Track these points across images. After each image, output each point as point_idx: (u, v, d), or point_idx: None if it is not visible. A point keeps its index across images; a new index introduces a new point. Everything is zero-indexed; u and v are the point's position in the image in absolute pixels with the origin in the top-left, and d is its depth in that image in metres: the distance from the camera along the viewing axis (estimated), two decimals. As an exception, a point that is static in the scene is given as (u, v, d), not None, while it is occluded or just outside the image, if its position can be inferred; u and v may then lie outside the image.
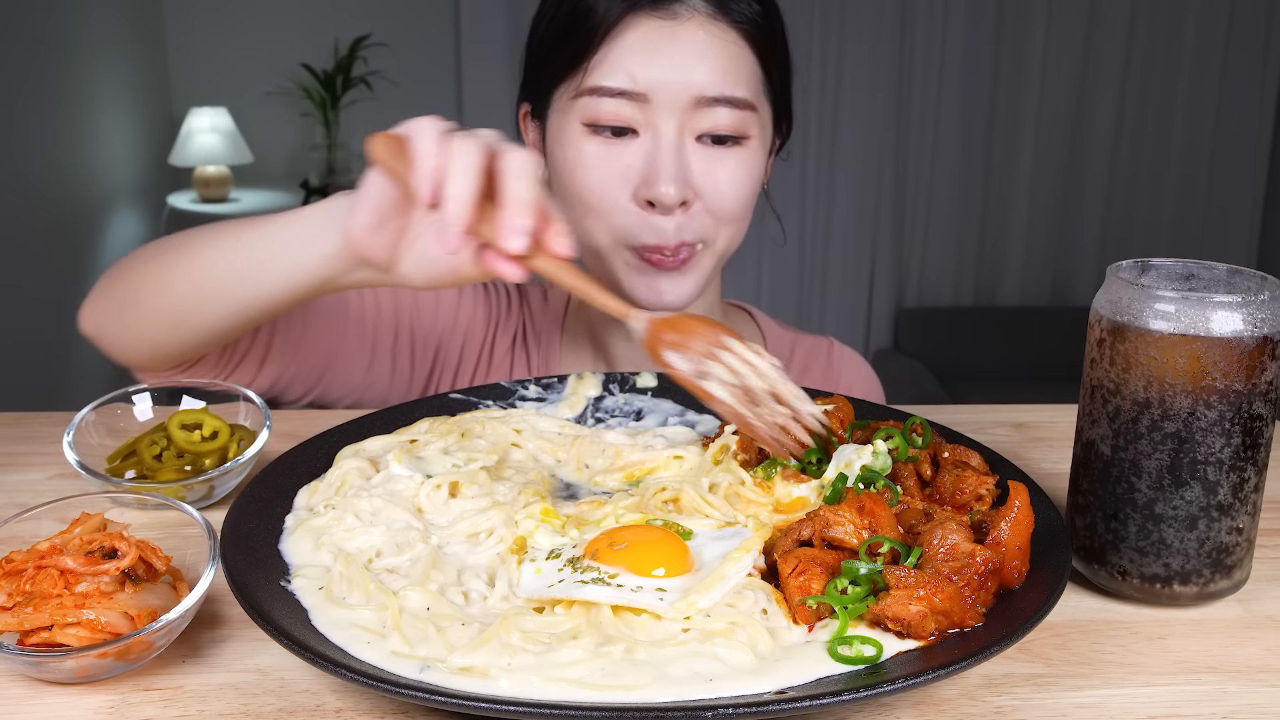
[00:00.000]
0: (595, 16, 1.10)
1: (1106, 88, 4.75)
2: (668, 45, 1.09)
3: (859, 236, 4.88)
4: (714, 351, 0.80)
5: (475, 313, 1.33)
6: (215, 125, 4.35)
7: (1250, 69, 4.75)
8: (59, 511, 0.79)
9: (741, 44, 1.12)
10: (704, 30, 1.10)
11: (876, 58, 4.66)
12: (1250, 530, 0.79)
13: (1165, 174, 4.87)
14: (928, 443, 0.91)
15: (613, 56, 1.10)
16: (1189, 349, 0.74)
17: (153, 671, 0.71)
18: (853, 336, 4.91)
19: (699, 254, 1.16)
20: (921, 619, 0.68)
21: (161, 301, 1.03)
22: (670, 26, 1.10)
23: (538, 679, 0.64)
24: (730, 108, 1.11)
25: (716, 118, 1.11)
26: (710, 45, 1.10)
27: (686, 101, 1.10)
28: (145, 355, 1.08)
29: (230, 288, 0.99)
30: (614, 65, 1.10)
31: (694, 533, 0.80)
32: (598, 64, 1.11)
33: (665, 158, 1.10)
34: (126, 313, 1.06)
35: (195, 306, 1.01)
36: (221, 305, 1.00)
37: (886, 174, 4.82)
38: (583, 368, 1.33)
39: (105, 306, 1.08)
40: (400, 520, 0.82)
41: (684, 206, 1.12)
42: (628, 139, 1.12)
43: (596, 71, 1.11)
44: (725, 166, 1.13)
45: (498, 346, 1.33)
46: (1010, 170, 4.86)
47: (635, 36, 1.10)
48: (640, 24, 1.10)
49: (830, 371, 1.38)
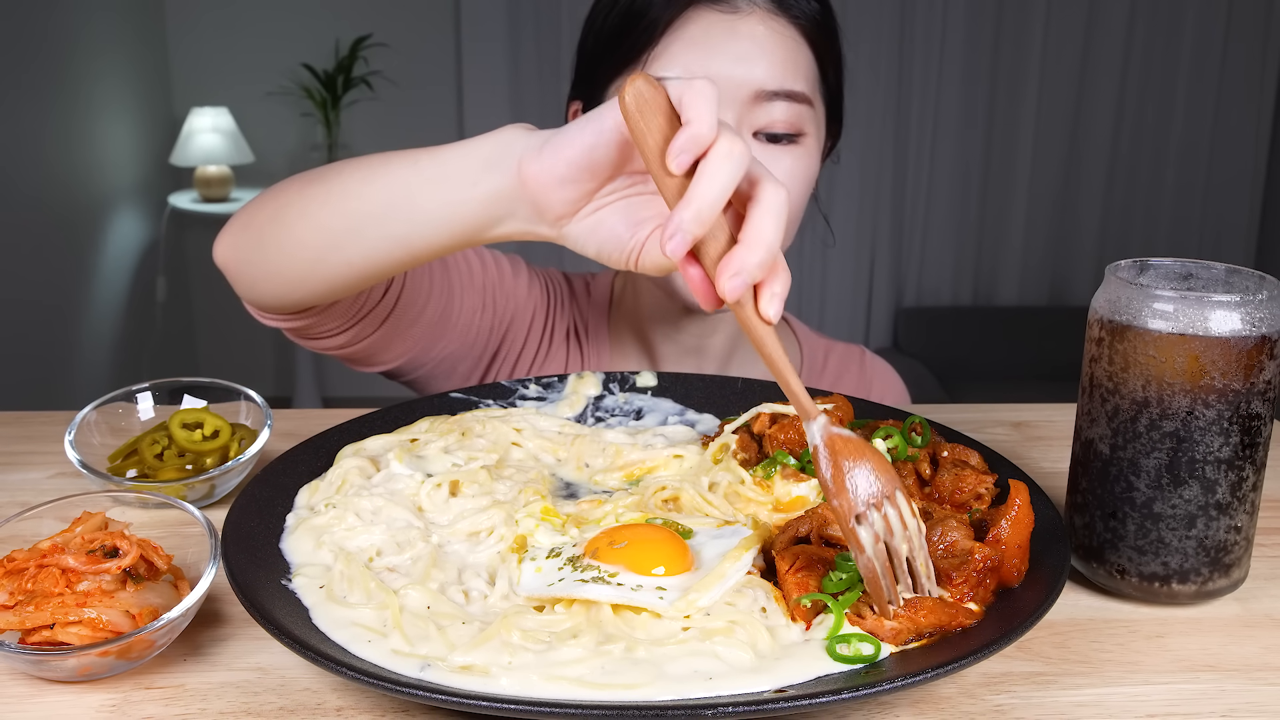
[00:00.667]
0: (654, 9, 1.10)
1: (1105, 87, 4.75)
2: (727, 39, 1.09)
3: (858, 236, 4.89)
4: (881, 499, 0.70)
5: (541, 297, 1.32)
6: (216, 125, 4.35)
7: (1249, 68, 4.75)
8: (60, 510, 0.79)
9: (799, 40, 1.12)
10: (764, 25, 1.10)
11: (876, 58, 4.66)
12: (1248, 529, 0.80)
13: (1164, 174, 4.88)
14: (927, 441, 0.91)
15: (673, 49, 1.09)
16: (1187, 348, 0.74)
17: (154, 670, 0.71)
18: (852, 336, 4.91)
19: None
20: (896, 635, 0.69)
21: (304, 236, 0.92)
22: (730, 20, 1.09)
23: (538, 677, 0.64)
24: (788, 101, 1.10)
25: (773, 113, 1.10)
26: (769, 40, 1.10)
27: (745, 96, 1.09)
28: (276, 294, 0.99)
29: (379, 225, 0.88)
30: (673, 58, 1.09)
31: (694, 531, 0.81)
32: (657, 57, 1.10)
33: None
34: (266, 245, 0.96)
35: (339, 242, 0.91)
36: (367, 243, 0.89)
37: (886, 173, 4.82)
38: (629, 363, 1.33)
39: (245, 238, 0.99)
40: (401, 519, 0.83)
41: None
42: None
43: (655, 64, 1.10)
44: (781, 164, 1.12)
45: (555, 334, 1.33)
46: (1009, 170, 4.86)
47: (695, 30, 1.09)
48: (700, 17, 1.09)
49: (863, 380, 1.39)
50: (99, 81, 4.04)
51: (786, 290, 0.71)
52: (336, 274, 0.93)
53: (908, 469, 0.88)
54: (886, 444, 0.89)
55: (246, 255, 0.99)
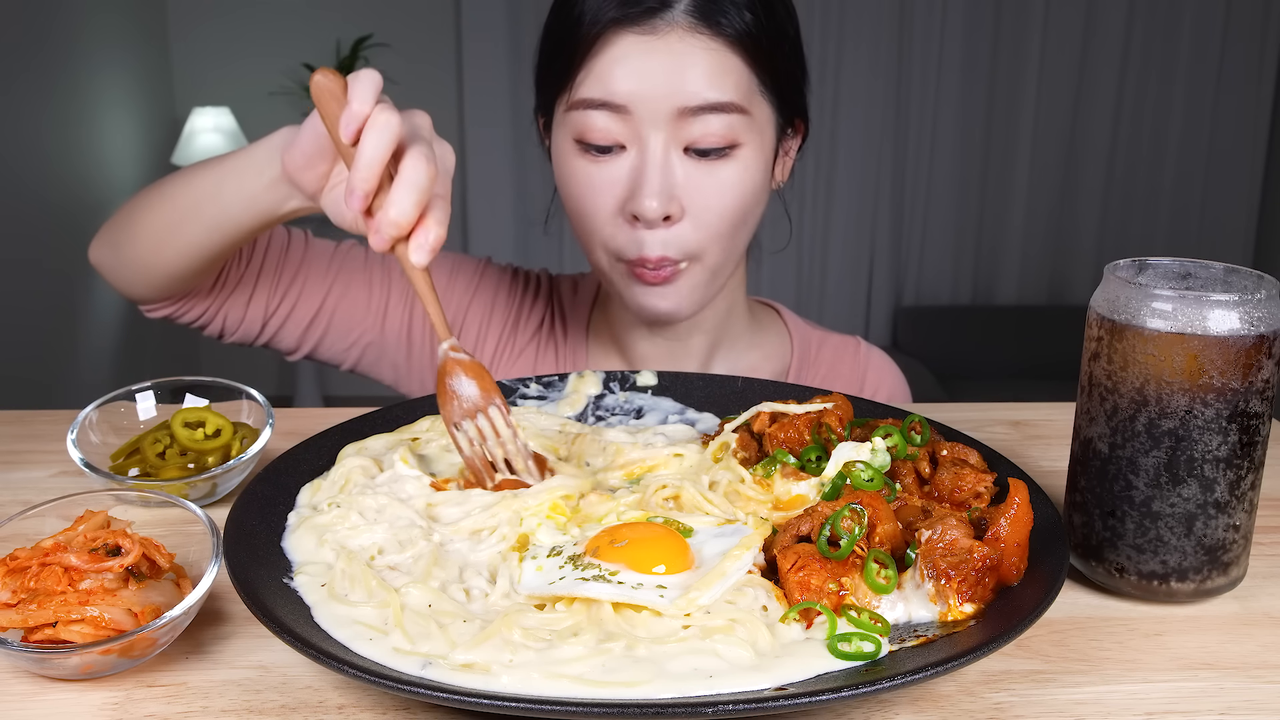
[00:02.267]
0: (579, 33, 1.12)
1: (1104, 87, 4.76)
2: (647, 57, 1.10)
3: (858, 235, 4.89)
4: (477, 411, 0.90)
5: (497, 295, 1.35)
6: (218, 125, 4.36)
7: (1247, 68, 4.75)
8: (63, 509, 0.80)
9: (726, 51, 1.11)
10: (684, 42, 1.10)
11: (875, 58, 4.67)
12: (1247, 527, 0.80)
13: (1162, 173, 4.88)
14: (926, 440, 0.91)
15: (596, 71, 1.11)
16: (1186, 347, 0.74)
17: (156, 668, 0.72)
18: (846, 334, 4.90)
19: (685, 271, 1.17)
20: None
21: (144, 228, 1.13)
22: (647, 41, 1.10)
23: (539, 675, 0.65)
24: (718, 113, 1.11)
25: (705, 125, 1.11)
26: (691, 55, 1.10)
27: (670, 112, 1.10)
28: (139, 283, 1.18)
29: (197, 212, 1.08)
30: (597, 79, 1.11)
31: (694, 530, 0.81)
32: (582, 79, 1.12)
33: (650, 172, 1.11)
34: (119, 241, 1.17)
35: (171, 229, 1.11)
36: (191, 228, 1.10)
37: (885, 173, 4.82)
38: (607, 365, 1.33)
39: (104, 239, 1.20)
40: (404, 518, 0.83)
41: (668, 221, 1.13)
42: (615, 155, 1.13)
43: (581, 86, 1.12)
44: (714, 179, 1.13)
45: (520, 333, 1.35)
46: (1008, 169, 4.86)
47: (616, 51, 1.10)
48: (620, 39, 1.10)
49: (858, 370, 1.39)
50: (101, 81, 4.05)
51: (436, 241, 0.85)
52: (178, 254, 1.13)
53: (907, 467, 0.88)
54: (886, 443, 0.89)
55: (108, 251, 1.20)
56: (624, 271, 1.17)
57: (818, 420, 0.93)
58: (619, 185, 1.13)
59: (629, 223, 1.14)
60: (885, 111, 4.73)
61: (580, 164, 1.15)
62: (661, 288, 1.17)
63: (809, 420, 0.93)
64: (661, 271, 1.15)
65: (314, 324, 1.29)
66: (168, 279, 1.16)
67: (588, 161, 1.14)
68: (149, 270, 1.16)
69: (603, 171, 1.14)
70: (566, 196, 1.19)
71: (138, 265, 1.16)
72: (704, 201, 1.13)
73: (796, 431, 0.93)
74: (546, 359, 1.35)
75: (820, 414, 0.94)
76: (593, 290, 1.39)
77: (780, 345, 1.40)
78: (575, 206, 1.18)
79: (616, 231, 1.15)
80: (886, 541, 0.76)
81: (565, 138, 1.16)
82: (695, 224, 1.14)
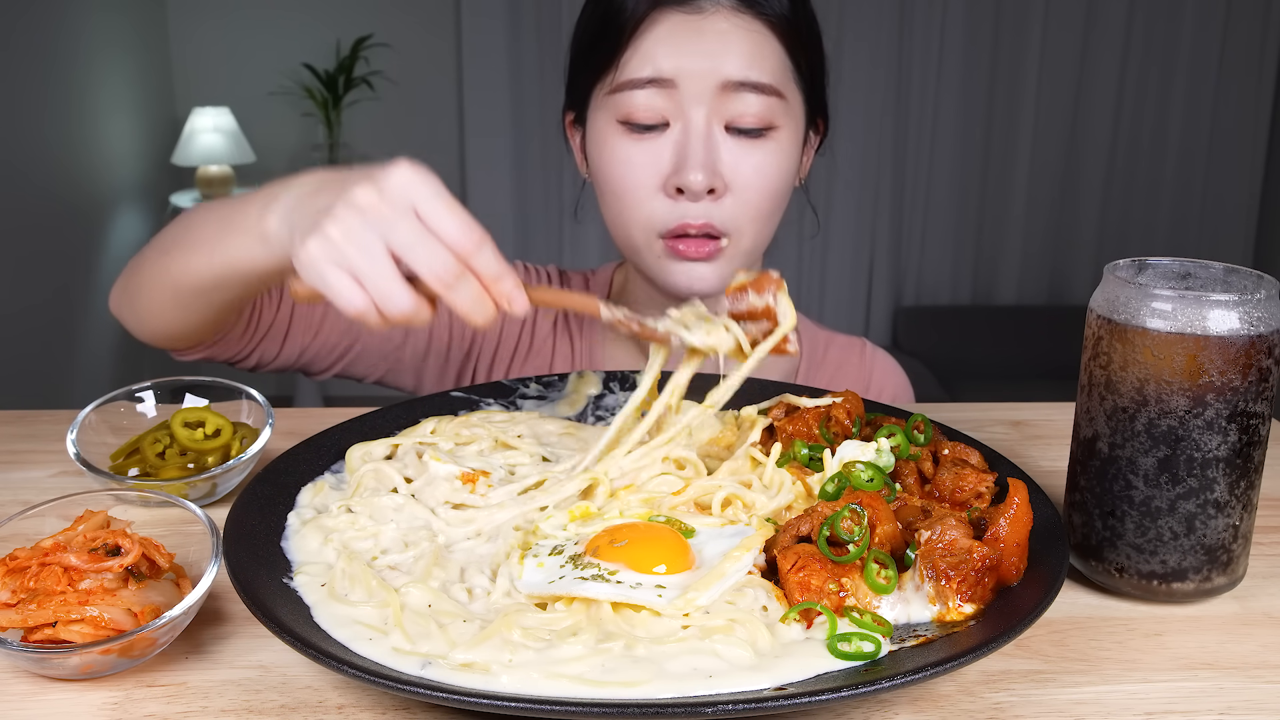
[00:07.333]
0: (623, 15, 1.15)
1: (1104, 87, 4.75)
2: (693, 35, 1.13)
3: (858, 235, 4.89)
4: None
5: None
6: (218, 125, 4.35)
7: (1247, 68, 4.75)
8: (62, 509, 0.80)
9: (766, 33, 1.15)
10: (728, 21, 1.13)
11: (875, 57, 4.67)
12: (1247, 527, 0.80)
13: (1162, 173, 4.88)
14: (929, 440, 0.92)
15: (642, 50, 1.14)
16: (1186, 347, 0.74)
17: (156, 668, 0.72)
18: (851, 334, 4.90)
19: (724, 249, 1.18)
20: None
21: (158, 290, 1.08)
22: (694, 19, 1.13)
23: (538, 675, 0.65)
24: (757, 93, 1.13)
25: (744, 104, 1.13)
26: (734, 34, 1.13)
27: (713, 87, 1.13)
28: (162, 335, 1.14)
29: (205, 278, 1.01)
30: (644, 58, 1.14)
31: (696, 530, 0.81)
32: (628, 59, 1.15)
33: (694, 144, 1.13)
34: (137, 299, 1.12)
35: (185, 293, 1.05)
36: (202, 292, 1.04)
37: (885, 173, 4.82)
38: (624, 358, 1.34)
39: (121, 294, 1.15)
40: (419, 518, 0.83)
41: (712, 194, 1.15)
42: (659, 132, 1.15)
43: (627, 66, 1.15)
44: (753, 158, 1.15)
45: (539, 330, 1.35)
46: (1008, 169, 4.86)
47: (662, 30, 1.14)
48: (666, 18, 1.14)
49: (863, 371, 1.40)
50: (101, 81, 4.05)
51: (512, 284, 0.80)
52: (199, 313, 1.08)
53: (910, 467, 0.88)
54: (890, 442, 0.89)
55: (127, 308, 1.14)
56: (661, 250, 1.18)
57: (826, 414, 0.94)
58: (663, 161, 1.15)
59: (671, 197, 1.15)
60: (885, 109, 4.73)
61: (623, 143, 1.16)
62: (700, 265, 1.17)
63: (818, 414, 0.94)
64: (704, 246, 1.16)
65: (349, 350, 1.28)
66: (187, 331, 1.12)
67: (631, 141, 1.16)
68: (174, 326, 1.11)
69: (646, 149, 1.15)
70: (606, 179, 1.19)
71: (161, 322, 1.11)
72: (744, 179, 1.15)
73: (806, 425, 0.93)
74: (562, 354, 1.35)
75: (829, 408, 0.94)
76: (605, 286, 1.39)
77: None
78: (616, 186, 1.18)
79: (659, 205, 1.16)
80: (886, 542, 0.76)
81: (607, 121, 1.17)
82: (737, 200, 1.16)
